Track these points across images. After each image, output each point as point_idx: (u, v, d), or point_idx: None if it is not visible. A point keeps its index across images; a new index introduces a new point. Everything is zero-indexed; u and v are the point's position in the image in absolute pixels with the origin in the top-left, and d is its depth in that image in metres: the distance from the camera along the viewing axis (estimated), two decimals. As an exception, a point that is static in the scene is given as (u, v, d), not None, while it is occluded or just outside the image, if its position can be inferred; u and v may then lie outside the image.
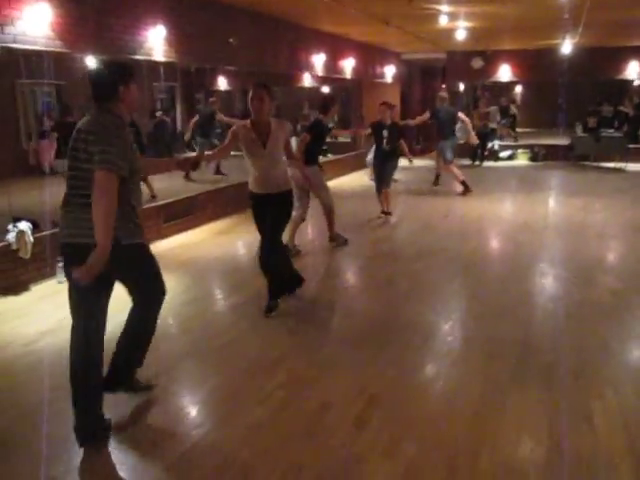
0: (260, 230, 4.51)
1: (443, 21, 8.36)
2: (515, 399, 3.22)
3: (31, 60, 5.68)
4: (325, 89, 14.86)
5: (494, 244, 6.75)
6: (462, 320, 4.47)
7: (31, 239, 5.25)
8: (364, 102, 13.49)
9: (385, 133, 7.45)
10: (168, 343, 3.96)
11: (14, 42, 4.99)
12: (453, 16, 8.51)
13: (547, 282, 5.33)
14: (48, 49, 5.33)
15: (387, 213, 7.70)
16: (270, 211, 4.36)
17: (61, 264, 5.37)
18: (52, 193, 4.64)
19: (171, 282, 5.24)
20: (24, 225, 5.23)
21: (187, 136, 10.03)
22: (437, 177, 10.34)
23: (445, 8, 7.91)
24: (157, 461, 2.70)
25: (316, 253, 6.44)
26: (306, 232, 7.23)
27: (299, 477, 2.58)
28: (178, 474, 2.61)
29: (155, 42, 6.63)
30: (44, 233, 5.49)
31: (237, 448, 2.79)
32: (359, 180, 11.64)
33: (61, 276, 5.40)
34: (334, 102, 6.64)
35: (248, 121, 4.33)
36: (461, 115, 9.89)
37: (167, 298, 3.15)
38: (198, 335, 4.17)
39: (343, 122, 15.47)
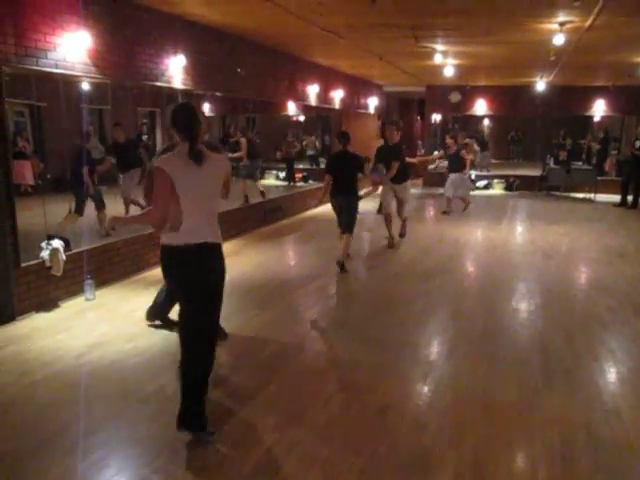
0: None
1: (437, 59, 8.97)
2: (548, 399, 3.61)
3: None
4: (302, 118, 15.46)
5: (493, 267, 7.20)
6: (482, 332, 4.84)
7: (63, 257, 5.39)
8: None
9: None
10: (217, 357, 4.18)
11: (55, 67, 5.22)
12: (445, 54, 9.14)
13: (550, 300, 5.78)
14: (84, 74, 5.58)
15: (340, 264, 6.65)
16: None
17: (89, 282, 5.58)
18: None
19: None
20: (57, 243, 5.37)
21: None
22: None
23: (441, 47, 8.52)
24: (244, 461, 2.92)
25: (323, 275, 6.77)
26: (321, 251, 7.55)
27: (380, 466, 2.87)
28: (270, 467, 2.85)
29: (175, 70, 6.94)
30: (74, 251, 5.64)
31: (317, 445, 3.06)
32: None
33: (89, 293, 5.57)
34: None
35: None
36: None
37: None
38: (242, 347, 4.42)
39: (324, 151, 16.03)
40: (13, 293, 4.96)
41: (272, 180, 14.60)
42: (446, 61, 9.66)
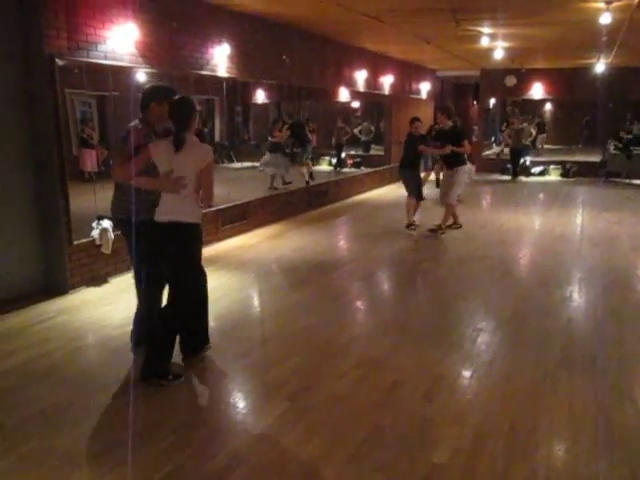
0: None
1: (484, 42, 8.82)
2: (564, 382, 3.62)
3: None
4: (355, 104, 15.46)
5: (534, 252, 7.11)
6: (510, 316, 4.85)
7: (112, 236, 5.79)
8: (398, 117, 13.89)
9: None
10: (247, 330, 4.45)
11: (105, 59, 5.58)
12: (493, 37, 8.96)
13: (586, 287, 5.68)
14: (132, 65, 5.92)
15: (410, 224, 8.00)
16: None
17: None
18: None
19: (235, 277, 5.81)
20: (107, 223, 5.76)
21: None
22: None
23: (487, 30, 8.37)
24: (255, 425, 3.15)
25: (359, 258, 6.89)
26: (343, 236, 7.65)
27: (382, 436, 3.01)
28: (277, 432, 3.05)
29: (220, 59, 7.20)
30: (122, 231, 6.02)
31: (325, 413, 3.24)
32: (392, 192, 12.07)
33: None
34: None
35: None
36: None
37: (237, 291, 3.67)
38: (272, 323, 4.65)
39: (377, 137, 16.00)
40: (67, 268, 5.39)
41: (325, 165, 14.76)
42: (495, 44, 9.47)
